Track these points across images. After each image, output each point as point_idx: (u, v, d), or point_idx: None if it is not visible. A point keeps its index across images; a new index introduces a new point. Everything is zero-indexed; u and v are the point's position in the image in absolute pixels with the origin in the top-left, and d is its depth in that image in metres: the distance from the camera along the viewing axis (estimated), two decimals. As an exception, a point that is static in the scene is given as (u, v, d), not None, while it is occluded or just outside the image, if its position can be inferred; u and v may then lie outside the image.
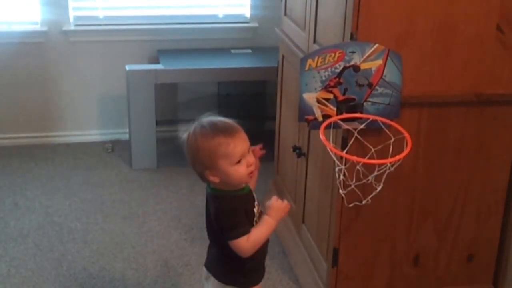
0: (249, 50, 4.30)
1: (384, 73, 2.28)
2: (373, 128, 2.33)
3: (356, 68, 2.27)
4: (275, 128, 3.42)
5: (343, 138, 2.39)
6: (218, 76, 4.11)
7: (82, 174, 3.96)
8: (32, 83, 4.26)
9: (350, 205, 2.42)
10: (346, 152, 2.33)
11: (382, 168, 2.24)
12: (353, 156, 2.26)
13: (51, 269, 3.04)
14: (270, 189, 3.46)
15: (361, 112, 2.31)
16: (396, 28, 2.29)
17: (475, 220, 2.62)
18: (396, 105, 2.33)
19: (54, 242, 3.25)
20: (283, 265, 3.09)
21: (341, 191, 2.36)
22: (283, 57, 3.20)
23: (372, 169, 2.27)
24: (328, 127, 2.29)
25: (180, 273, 3.03)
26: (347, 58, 2.26)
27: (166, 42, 4.30)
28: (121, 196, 3.72)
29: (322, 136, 2.23)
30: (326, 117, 2.32)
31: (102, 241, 3.27)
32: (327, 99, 2.31)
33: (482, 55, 2.37)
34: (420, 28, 2.30)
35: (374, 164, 2.25)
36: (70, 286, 2.93)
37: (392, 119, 2.32)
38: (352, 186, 2.34)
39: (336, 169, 2.32)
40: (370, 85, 2.29)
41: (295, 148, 2.95)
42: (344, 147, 2.37)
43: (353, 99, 2.30)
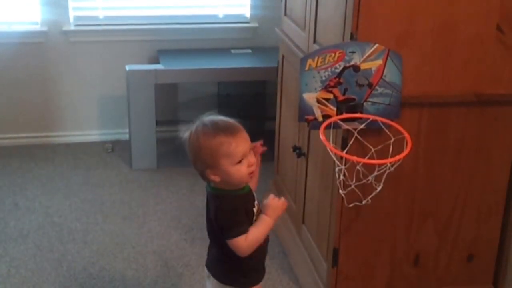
0: (249, 50, 4.30)
1: (384, 73, 2.28)
2: (373, 128, 2.33)
3: (356, 68, 2.27)
4: (275, 128, 3.41)
5: (343, 138, 2.39)
6: (218, 76, 4.11)
7: (82, 174, 3.96)
8: (32, 83, 4.26)
9: (350, 205, 2.42)
10: (346, 152, 2.32)
11: (382, 168, 2.24)
12: (353, 156, 2.26)
13: (51, 269, 3.04)
14: (270, 189, 3.46)
15: (361, 112, 2.31)
16: (396, 28, 2.28)
17: (475, 220, 2.62)
18: (396, 105, 2.33)
19: (54, 242, 3.25)
20: (283, 265, 3.09)
21: (341, 191, 2.36)
22: (283, 57, 3.20)
23: (372, 169, 2.27)
24: (328, 127, 2.28)
25: (180, 274, 3.03)
26: (347, 58, 2.25)
27: (166, 42, 4.30)
28: (121, 196, 3.72)
29: (322, 136, 2.22)
30: (326, 117, 2.32)
31: (102, 242, 3.27)
32: (327, 99, 2.30)
33: (483, 55, 2.37)
34: (420, 28, 2.30)
35: (374, 164, 2.25)
36: (70, 286, 2.93)
37: (392, 119, 2.32)
38: (352, 186, 2.34)
39: (336, 169, 2.32)
40: (370, 85, 2.29)
41: (295, 148, 2.95)
42: (344, 147, 2.37)
43: (353, 99, 2.30)
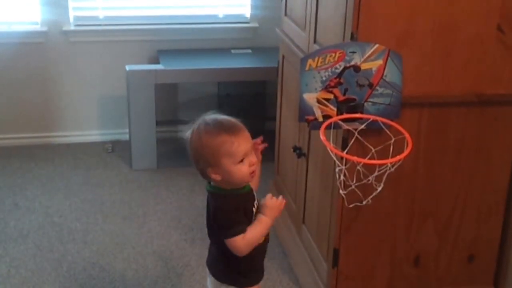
0: (249, 50, 4.30)
1: (385, 73, 2.28)
2: (373, 129, 2.32)
3: (357, 68, 2.26)
4: (275, 128, 3.41)
5: (343, 138, 2.38)
6: (218, 76, 4.11)
7: (82, 174, 3.96)
8: (32, 83, 4.26)
9: (351, 205, 2.42)
10: (347, 153, 2.32)
11: (383, 168, 2.24)
12: (354, 156, 2.25)
13: (51, 269, 3.04)
14: (270, 190, 3.46)
15: (362, 113, 2.31)
16: (397, 28, 2.28)
17: (475, 220, 2.62)
18: (396, 106, 2.33)
19: (54, 242, 3.25)
20: (283, 266, 3.08)
21: (342, 192, 2.36)
22: (283, 57, 3.20)
23: (372, 169, 2.27)
24: (328, 127, 2.28)
25: (180, 274, 3.02)
26: (347, 58, 2.25)
27: (166, 42, 4.30)
28: (121, 197, 3.71)
29: (322, 137, 2.22)
30: (326, 117, 2.31)
31: (102, 242, 3.27)
32: (327, 99, 2.30)
33: (483, 55, 2.37)
34: (421, 28, 2.29)
35: (374, 165, 2.25)
36: (70, 287, 2.92)
37: (392, 120, 2.32)
38: (352, 186, 2.33)
39: (337, 169, 2.32)
40: (371, 85, 2.28)
41: (295, 149, 2.95)
42: (345, 147, 2.36)
43: (354, 100, 2.30)
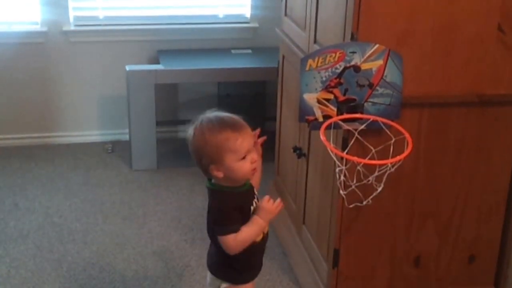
0: (249, 50, 4.30)
1: (385, 74, 2.27)
2: (373, 129, 2.32)
3: (357, 69, 2.26)
4: (275, 128, 3.41)
5: (343, 138, 2.38)
6: (218, 76, 4.10)
7: (82, 174, 3.96)
8: (32, 83, 4.26)
9: (351, 205, 2.42)
10: (347, 153, 2.32)
11: (383, 168, 2.23)
12: (354, 156, 2.25)
13: (51, 270, 3.03)
14: (270, 190, 3.45)
15: (362, 113, 2.31)
16: (397, 28, 2.28)
17: (476, 220, 2.61)
18: (396, 106, 2.32)
19: (54, 242, 3.25)
20: (283, 266, 3.08)
21: (342, 192, 2.36)
22: (284, 57, 3.19)
23: (372, 169, 2.27)
24: (328, 127, 2.28)
25: (180, 274, 3.02)
26: (347, 58, 2.25)
27: (166, 42, 4.30)
28: (121, 197, 3.71)
29: (322, 137, 2.22)
30: (326, 117, 2.31)
31: (102, 242, 3.27)
32: (327, 100, 2.30)
33: (483, 55, 2.36)
34: (421, 28, 2.29)
35: (374, 165, 2.25)
36: (70, 287, 2.92)
37: (392, 120, 2.31)
38: (352, 186, 2.33)
39: (337, 169, 2.32)
40: (371, 86, 2.28)
41: (295, 149, 2.94)
42: (345, 147, 2.36)
43: (354, 100, 2.30)
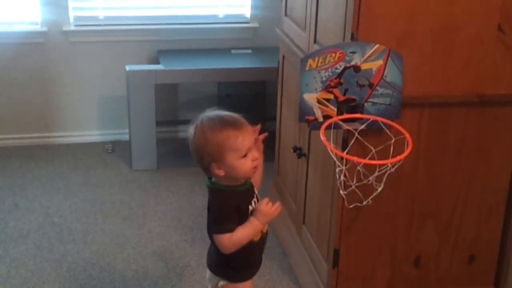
0: (249, 50, 4.30)
1: (385, 74, 2.27)
2: (373, 129, 2.32)
3: (357, 69, 2.26)
4: (275, 128, 3.41)
5: (343, 138, 2.38)
6: (218, 76, 4.10)
7: (82, 174, 3.96)
8: (32, 83, 4.25)
9: (351, 206, 2.41)
10: (347, 153, 2.32)
11: (383, 168, 2.23)
12: (354, 156, 2.25)
13: (51, 270, 3.03)
14: (270, 190, 3.45)
15: (362, 113, 2.31)
16: (397, 28, 2.28)
17: (476, 220, 2.61)
18: (396, 106, 2.32)
19: (54, 242, 3.25)
20: (283, 266, 3.08)
21: (342, 192, 2.36)
22: (284, 57, 3.19)
23: (372, 169, 2.27)
24: (328, 127, 2.28)
25: (180, 274, 3.02)
26: (347, 58, 2.25)
27: (166, 42, 4.30)
28: (121, 197, 3.71)
29: (322, 137, 2.22)
30: (326, 117, 2.31)
31: (102, 242, 3.27)
32: (327, 100, 2.30)
33: (483, 55, 2.36)
34: (421, 28, 2.29)
35: (374, 165, 2.25)
36: (70, 287, 2.92)
37: (392, 120, 2.31)
38: (352, 186, 2.33)
39: (337, 169, 2.32)
40: (371, 86, 2.28)
41: (295, 149, 2.94)
42: (345, 147, 2.36)
43: (354, 100, 2.30)
